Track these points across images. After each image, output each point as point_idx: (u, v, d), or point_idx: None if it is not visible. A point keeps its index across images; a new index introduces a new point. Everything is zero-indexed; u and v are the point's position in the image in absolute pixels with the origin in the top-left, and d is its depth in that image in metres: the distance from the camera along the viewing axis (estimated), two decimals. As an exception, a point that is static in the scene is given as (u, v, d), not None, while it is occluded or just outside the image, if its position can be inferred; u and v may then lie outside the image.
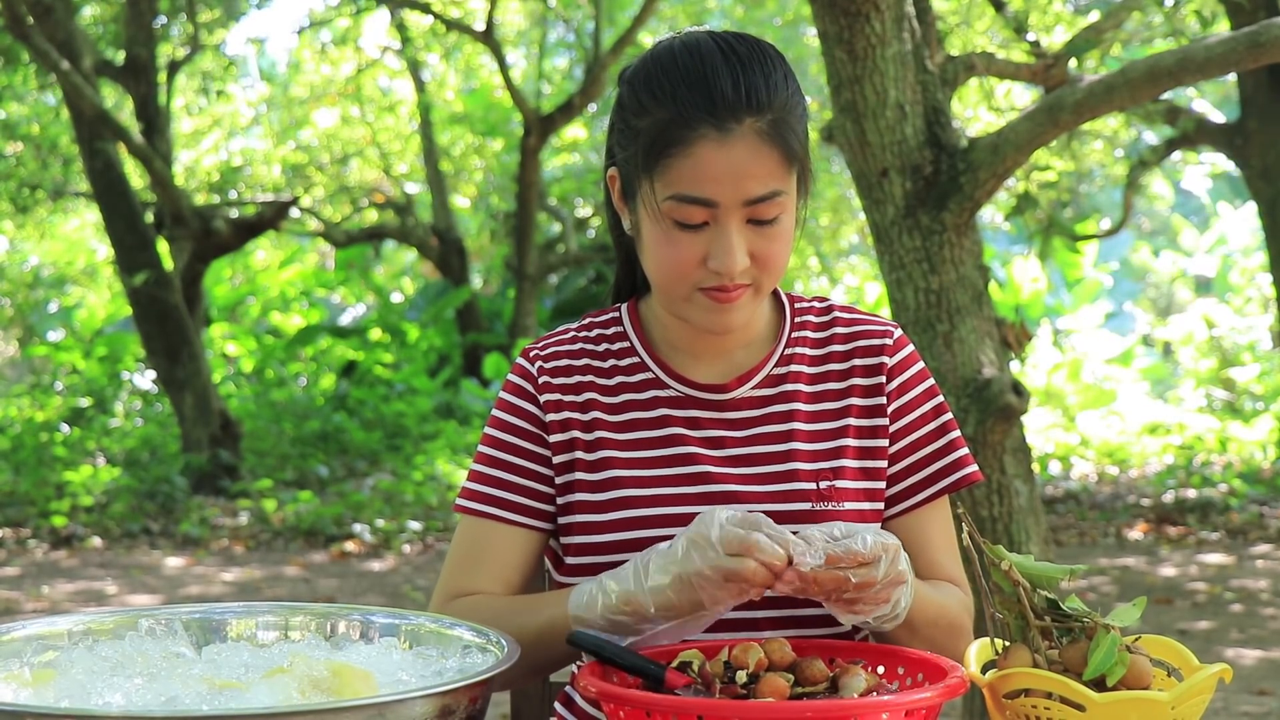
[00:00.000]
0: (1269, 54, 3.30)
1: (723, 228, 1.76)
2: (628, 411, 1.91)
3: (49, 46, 10.36)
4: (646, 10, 12.90)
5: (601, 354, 1.94)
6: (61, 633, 1.61)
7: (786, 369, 1.92)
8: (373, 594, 8.15)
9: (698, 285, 1.80)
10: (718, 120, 1.74)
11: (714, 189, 1.74)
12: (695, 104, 1.75)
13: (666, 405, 1.90)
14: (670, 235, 1.78)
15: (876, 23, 3.70)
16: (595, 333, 1.97)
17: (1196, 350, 17.12)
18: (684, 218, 1.76)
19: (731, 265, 1.76)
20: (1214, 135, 10.29)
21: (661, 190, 1.77)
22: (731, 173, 1.74)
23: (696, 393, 1.91)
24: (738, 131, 1.74)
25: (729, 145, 1.74)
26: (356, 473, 12.78)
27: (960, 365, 3.86)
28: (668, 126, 1.75)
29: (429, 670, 1.52)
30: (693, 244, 1.77)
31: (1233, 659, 6.29)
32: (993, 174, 3.76)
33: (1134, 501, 10.87)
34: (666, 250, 1.79)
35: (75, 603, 7.96)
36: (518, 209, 15.43)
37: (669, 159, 1.75)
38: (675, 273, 1.79)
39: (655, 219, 1.79)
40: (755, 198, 1.75)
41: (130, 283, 11.39)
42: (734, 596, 1.62)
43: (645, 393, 1.91)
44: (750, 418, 1.90)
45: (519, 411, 1.92)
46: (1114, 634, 1.45)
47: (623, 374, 1.93)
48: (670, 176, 1.76)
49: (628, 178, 1.84)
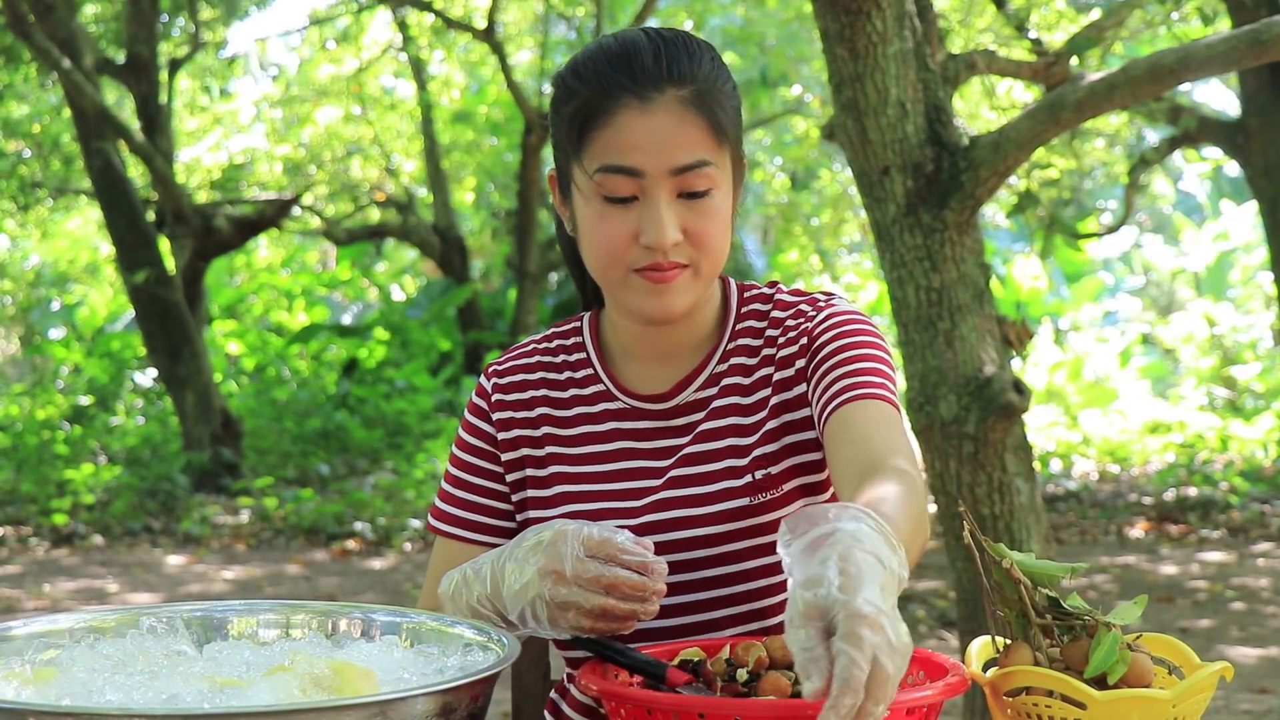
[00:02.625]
0: (1270, 52, 3.30)
1: (651, 200, 1.75)
2: (580, 425, 1.91)
3: (50, 45, 10.36)
4: (647, 9, 12.90)
5: (559, 366, 1.95)
6: (63, 631, 1.61)
7: (728, 364, 1.90)
8: (374, 592, 8.15)
9: (632, 266, 1.78)
10: (639, 89, 1.74)
11: (638, 157, 1.74)
12: (616, 79, 1.75)
13: (615, 418, 1.90)
14: (601, 212, 1.77)
15: (878, 21, 3.70)
16: (555, 343, 1.97)
17: (1198, 348, 17.13)
18: (612, 190, 1.75)
19: (662, 237, 1.74)
20: (1215, 133, 10.28)
21: (589, 166, 1.76)
22: (655, 140, 1.73)
23: (641, 404, 1.90)
24: (659, 100, 1.74)
25: (650, 113, 1.74)
26: (358, 471, 12.78)
27: (961, 363, 3.86)
28: (590, 101, 1.76)
29: (430, 668, 1.52)
30: (623, 220, 1.76)
31: (1234, 657, 6.29)
32: (994, 172, 3.76)
33: (1135, 500, 10.87)
34: (599, 229, 1.78)
35: (76, 601, 7.97)
36: (519, 207, 15.43)
37: (593, 133, 1.75)
38: (609, 253, 1.78)
39: (587, 200, 1.78)
40: (681, 166, 1.74)
41: (131, 281, 11.40)
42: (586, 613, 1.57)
43: (597, 405, 1.92)
44: (693, 421, 1.88)
45: (476, 431, 1.96)
46: (1115, 632, 1.45)
47: (577, 386, 1.93)
48: (595, 149, 1.75)
49: (562, 170, 1.84)
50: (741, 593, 1.83)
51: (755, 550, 1.84)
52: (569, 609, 1.57)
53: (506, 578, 1.63)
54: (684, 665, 1.56)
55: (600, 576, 1.55)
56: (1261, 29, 3.29)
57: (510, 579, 1.62)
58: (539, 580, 1.58)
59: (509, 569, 1.63)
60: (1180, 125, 9.96)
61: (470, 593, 1.68)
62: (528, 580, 1.60)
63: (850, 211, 14.91)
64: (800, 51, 14.29)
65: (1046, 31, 7.42)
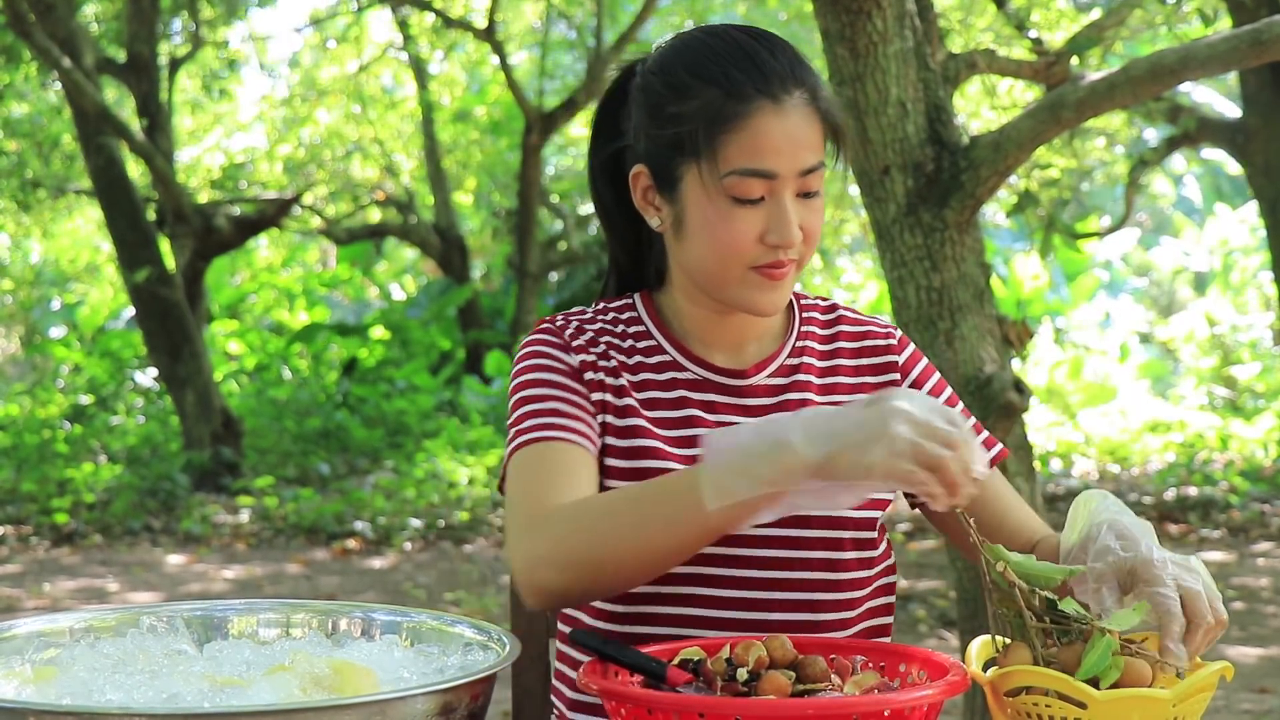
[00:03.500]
0: (1271, 52, 3.29)
1: (779, 200, 1.78)
2: (649, 390, 1.90)
3: (50, 44, 10.36)
4: (648, 8, 12.90)
5: (620, 334, 1.94)
6: (63, 630, 1.61)
7: (799, 360, 1.94)
8: (374, 591, 8.15)
9: (752, 264, 1.80)
10: (771, 92, 1.77)
11: (774, 160, 1.77)
12: (747, 79, 1.77)
13: (685, 387, 1.90)
14: (728, 213, 1.78)
15: (878, 20, 3.69)
16: (611, 315, 1.96)
17: (1198, 348, 17.12)
18: (744, 193, 1.77)
19: (791, 237, 1.78)
20: (1216, 133, 10.29)
21: (722, 168, 1.77)
22: (789, 143, 1.77)
23: (715, 376, 1.91)
24: (790, 102, 1.78)
25: (785, 115, 1.77)
26: (358, 470, 12.78)
27: (962, 363, 3.86)
28: (724, 103, 1.77)
29: (430, 668, 1.52)
30: (751, 220, 1.78)
31: (1234, 657, 6.29)
32: (994, 171, 3.76)
33: (1135, 499, 10.87)
34: (724, 230, 1.79)
35: (77, 600, 7.97)
36: (519, 206, 15.43)
37: (727, 135, 1.77)
38: (732, 252, 1.79)
39: (711, 200, 1.79)
40: (808, 168, 1.79)
41: (132, 280, 11.39)
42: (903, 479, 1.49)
43: (664, 374, 1.91)
44: (765, 405, 1.91)
45: (552, 358, 1.88)
46: (1109, 637, 1.45)
47: (641, 355, 1.92)
48: (729, 153, 1.77)
49: (664, 168, 1.83)
50: (798, 580, 1.84)
51: (817, 542, 1.86)
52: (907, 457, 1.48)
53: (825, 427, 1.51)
54: (684, 665, 1.56)
55: (950, 436, 1.49)
56: (1262, 29, 3.29)
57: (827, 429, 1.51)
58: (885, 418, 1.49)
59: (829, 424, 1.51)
60: (1180, 125, 9.95)
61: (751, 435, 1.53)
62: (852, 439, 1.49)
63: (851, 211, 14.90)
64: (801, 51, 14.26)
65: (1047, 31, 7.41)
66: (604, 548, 1.66)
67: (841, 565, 1.86)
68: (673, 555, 1.68)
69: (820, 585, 1.86)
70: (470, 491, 11.17)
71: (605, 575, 1.68)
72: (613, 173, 1.94)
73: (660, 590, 1.83)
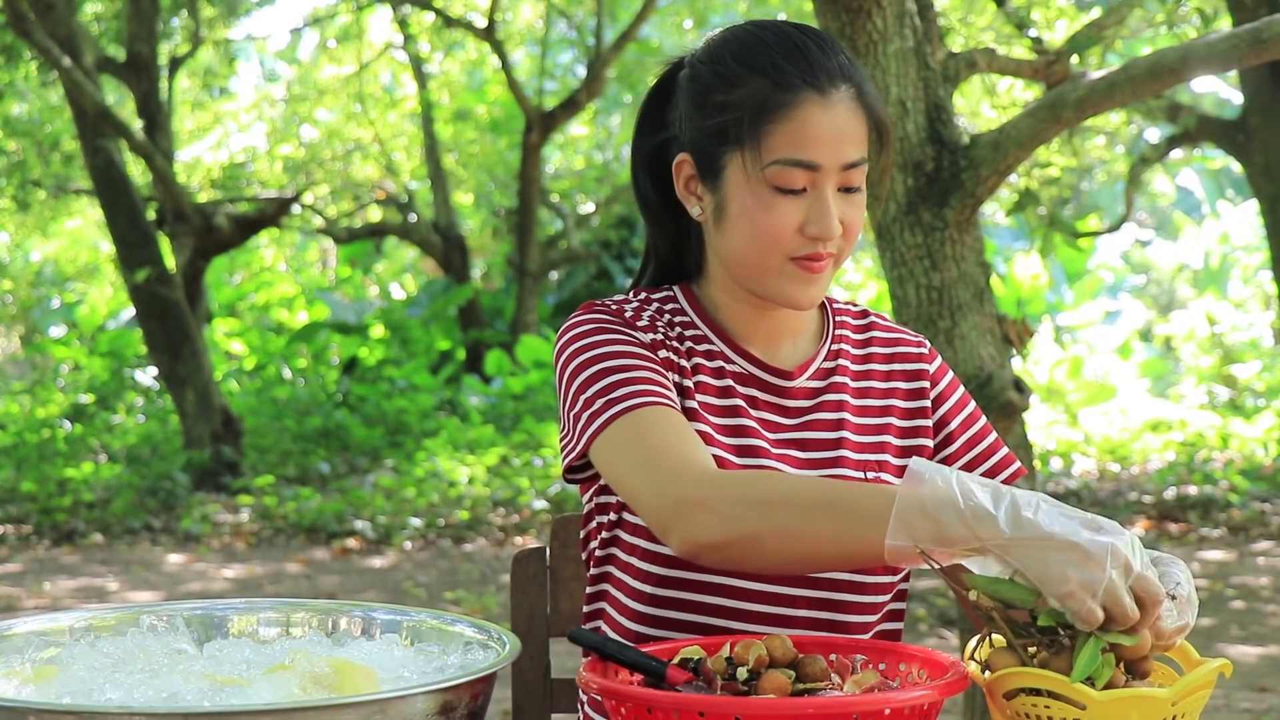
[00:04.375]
0: (1271, 50, 3.29)
1: (820, 192, 1.79)
2: (700, 374, 1.89)
3: (50, 43, 10.36)
4: (648, 7, 12.90)
5: (668, 322, 1.92)
6: (63, 629, 1.61)
7: (835, 364, 1.95)
8: (374, 590, 8.15)
9: (791, 254, 1.81)
10: (818, 84, 1.79)
11: (817, 151, 1.78)
12: (796, 71, 1.79)
13: (732, 378, 1.90)
14: (770, 202, 1.79)
15: (878, 19, 3.70)
16: (655, 305, 1.94)
17: (1198, 346, 17.12)
18: (787, 183, 1.79)
19: (832, 228, 1.79)
20: (1215, 132, 10.28)
21: (765, 157, 1.79)
22: (834, 135, 1.78)
23: (761, 373, 1.91)
24: (836, 95, 1.79)
25: (831, 107, 1.79)
26: (358, 469, 12.78)
27: (962, 362, 3.86)
28: (771, 93, 1.79)
29: (430, 667, 1.52)
30: (791, 210, 1.79)
31: (1234, 656, 6.29)
32: (994, 171, 3.76)
33: (1135, 498, 10.87)
34: (765, 218, 1.80)
35: (77, 599, 7.97)
36: (519, 205, 15.43)
37: (772, 124, 1.78)
38: (772, 241, 1.80)
39: (753, 189, 1.80)
40: (850, 162, 1.80)
41: (132, 279, 11.39)
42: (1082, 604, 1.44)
43: (713, 362, 1.90)
44: (803, 406, 1.91)
45: (622, 332, 1.85)
46: (1096, 638, 1.44)
47: (691, 341, 1.91)
48: (773, 142, 1.78)
49: (707, 157, 1.84)
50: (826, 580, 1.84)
51: None
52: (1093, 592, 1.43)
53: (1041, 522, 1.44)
54: (684, 663, 1.56)
55: (1155, 594, 1.48)
56: (1262, 27, 3.29)
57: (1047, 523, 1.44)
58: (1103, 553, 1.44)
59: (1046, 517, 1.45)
60: (1179, 123, 9.95)
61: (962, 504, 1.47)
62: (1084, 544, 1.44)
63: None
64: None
65: (1047, 30, 7.41)
66: (771, 526, 1.60)
67: (870, 568, 1.86)
68: (826, 563, 1.64)
69: (847, 586, 1.86)
70: (470, 491, 11.17)
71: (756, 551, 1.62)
72: (655, 164, 1.94)
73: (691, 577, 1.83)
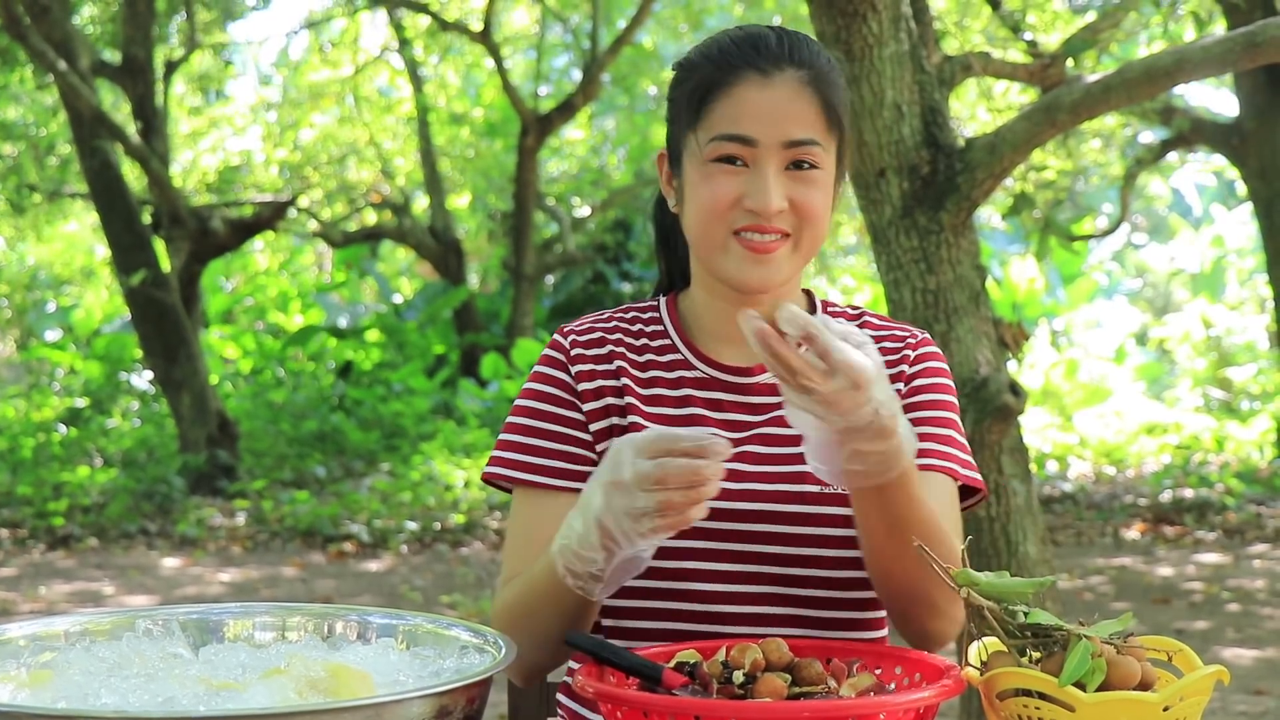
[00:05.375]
0: (1266, 54, 3.30)
1: (760, 168, 1.81)
2: (654, 387, 1.94)
3: (46, 46, 10.35)
4: (644, 11, 12.91)
5: (635, 333, 1.98)
6: (58, 633, 1.61)
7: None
8: (370, 594, 8.15)
9: (733, 226, 1.83)
10: (760, 65, 1.82)
11: (753, 126, 1.81)
12: (740, 54, 1.83)
13: (691, 385, 1.93)
14: (711, 176, 1.83)
15: (874, 23, 3.70)
16: (632, 315, 2.01)
17: (1193, 349, 17.14)
18: (725, 153, 1.82)
19: (767, 202, 1.80)
20: (1211, 135, 10.29)
21: (704, 136, 1.83)
22: (772, 112, 1.81)
23: (721, 375, 1.93)
24: (779, 77, 1.82)
25: (770, 86, 1.81)
26: (354, 473, 12.77)
27: (958, 365, 3.87)
28: (713, 75, 1.84)
29: (426, 671, 1.52)
30: (731, 183, 1.82)
31: (1230, 659, 6.29)
32: (990, 174, 3.76)
33: (1131, 501, 10.88)
34: (705, 191, 1.83)
35: (72, 603, 7.96)
36: (515, 209, 15.43)
37: (713, 103, 1.83)
38: (712, 213, 1.83)
39: (697, 166, 1.84)
40: (793, 140, 1.81)
41: (127, 283, 11.39)
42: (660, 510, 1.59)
43: (672, 372, 1.94)
44: (770, 403, 1.92)
45: (553, 380, 1.95)
46: (1086, 641, 1.45)
47: (653, 353, 1.96)
48: (713, 119, 1.82)
49: (674, 145, 1.90)
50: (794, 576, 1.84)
51: (815, 539, 1.85)
52: (638, 517, 1.59)
53: (587, 507, 1.65)
54: (680, 667, 1.56)
55: (650, 474, 1.57)
56: (1257, 31, 3.29)
57: (586, 506, 1.65)
58: (603, 497, 1.61)
59: (585, 498, 1.66)
60: (1174, 127, 9.96)
61: (572, 536, 1.68)
62: (597, 501, 1.62)
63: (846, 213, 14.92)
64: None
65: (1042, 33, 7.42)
66: (530, 636, 1.78)
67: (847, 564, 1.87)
68: (570, 623, 1.77)
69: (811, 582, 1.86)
70: (466, 494, 11.17)
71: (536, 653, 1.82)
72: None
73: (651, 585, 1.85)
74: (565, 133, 17.07)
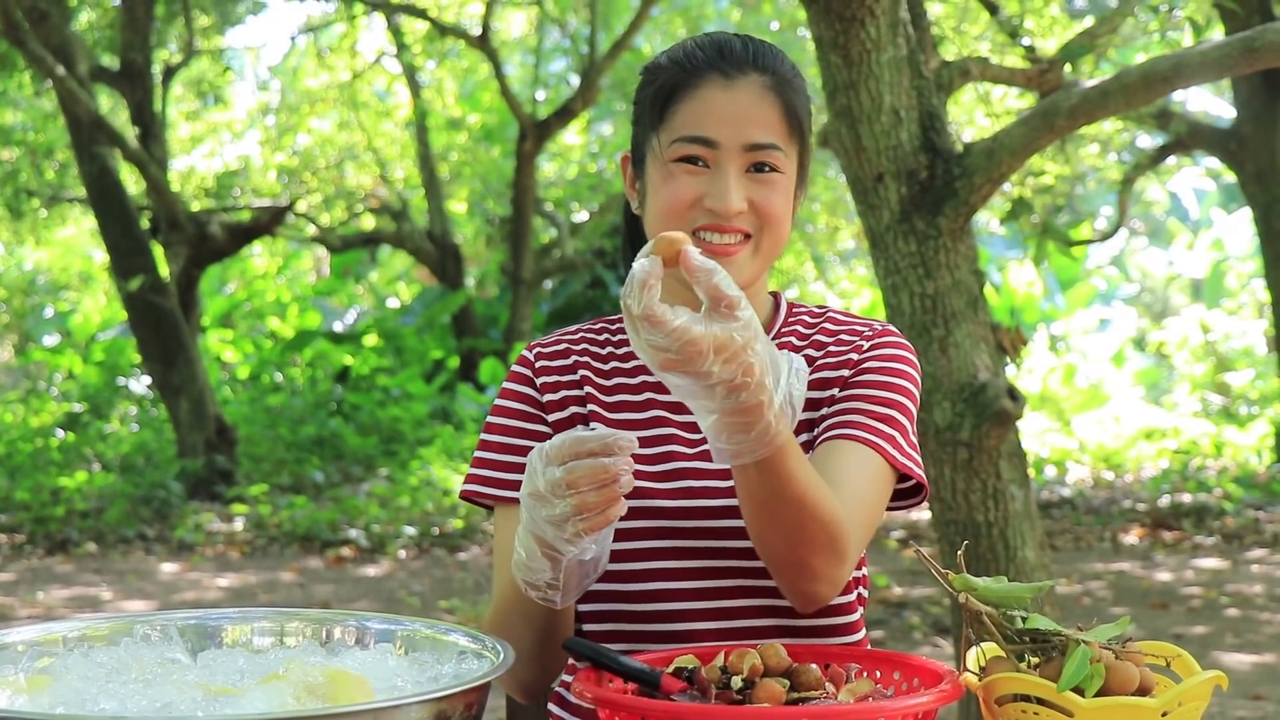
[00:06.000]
0: (1263, 59, 3.31)
1: (721, 169, 1.82)
2: (618, 394, 1.96)
3: (45, 52, 10.35)
4: (641, 16, 12.91)
5: (602, 343, 2.01)
6: (57, 639, 1.60)
7: None
8: (368, 599, 8.14)
9: (694, 226, 1.82)
10: (724, 69, 1.83)
11: (715, 128, 1.81)
12: (704, 58, 1.85)
13: (653, 390, 1.95)
14: (672, 176, 1.83)
15: (872, 28, 3.70)
16: (600, 326, 2.03)
17: (1191, 354, 17.15)
18: (687, 154, 1.82)
19: (728, 202, 1.80)
20: (1208, 140, 10.29)
21: (667, 138, 1.84)
22: (734, 114, 1.81)
23: None
24: (742, 81, 1.83)
25: (733, 89, 1.82)
26: (352, 478, 12.77)
27: (956, 370, 3.87)
28: (677, 77, 1.85)
29: (425, 676, 1.52)
30: (692, 183, 1.82)
31: (1228, 664, 6.29)
32: (988, 179, 3.77)
33: (1129, 506, 10.87)
34: (666, 191, 1.84)
35: (70, 608, 7.95)
36: (513, 214, 15.43)
37: (676, 105, 1.84)
38: (672, 212, 1.83)
39: (662, 167, 1.84)
40: (754, 143, 1.82)
41: (126, 288, 11.39)
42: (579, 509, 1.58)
43: (636, 378, 1.96)
44: None
45: (519, 396, 1.98)
46: (1084, 646, 1.45)
47: (618, 360, 1.98)
48: (676, 122, 1.83)
49: (638, 147, 1.91)
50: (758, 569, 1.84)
51: None
52: (560, 524, 1.59)
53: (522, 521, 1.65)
54: (679, 673, 1.56)
55: (560, 479, 1.56)
56: (1254, 36, 3.30)
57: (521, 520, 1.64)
58: (527, 509, 1.61)
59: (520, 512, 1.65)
60: (1171, 131, 9.96)
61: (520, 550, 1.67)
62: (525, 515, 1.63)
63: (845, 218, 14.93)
64: (795, 58, 14.26)
65: (1040, 39, 7.42)
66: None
67: None
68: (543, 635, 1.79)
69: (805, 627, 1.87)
70: (464, 499, 11.15)
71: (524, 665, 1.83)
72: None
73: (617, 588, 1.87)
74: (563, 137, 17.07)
